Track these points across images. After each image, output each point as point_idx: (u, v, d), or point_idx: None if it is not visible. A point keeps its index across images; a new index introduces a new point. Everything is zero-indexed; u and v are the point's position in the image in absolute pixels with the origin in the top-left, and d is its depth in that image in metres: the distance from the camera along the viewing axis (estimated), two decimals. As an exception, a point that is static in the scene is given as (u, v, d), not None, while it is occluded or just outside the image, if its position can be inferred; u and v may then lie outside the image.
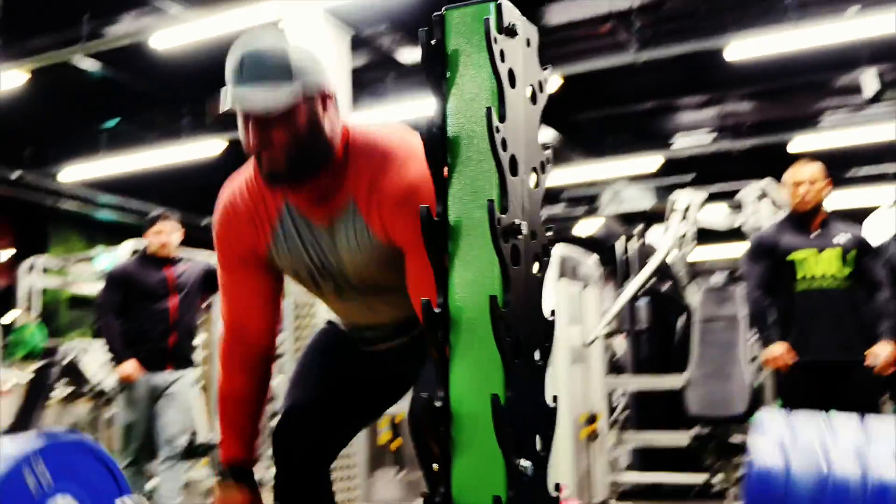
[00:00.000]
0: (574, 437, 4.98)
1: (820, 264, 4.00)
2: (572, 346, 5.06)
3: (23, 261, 9.47)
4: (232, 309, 1.96)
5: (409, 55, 7.04)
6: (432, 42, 1.35)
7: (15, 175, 9.23)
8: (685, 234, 5.59)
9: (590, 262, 5.49)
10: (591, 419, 5.19)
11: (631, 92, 8.92)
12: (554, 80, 7.37)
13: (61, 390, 7.25)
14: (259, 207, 1.86)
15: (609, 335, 6.14)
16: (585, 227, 13.90)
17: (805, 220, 4.10)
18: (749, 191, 5.40)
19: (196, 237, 13.00)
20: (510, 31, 1.36)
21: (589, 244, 6.82)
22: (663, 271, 5.68)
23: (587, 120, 9.91)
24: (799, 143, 9.50)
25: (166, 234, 4.78)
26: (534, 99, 1.44)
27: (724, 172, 11.50)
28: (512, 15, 1.35)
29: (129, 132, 9.09)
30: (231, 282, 1.95)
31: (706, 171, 11.30)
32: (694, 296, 5.57)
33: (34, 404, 7.02)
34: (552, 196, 12.40)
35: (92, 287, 11.17)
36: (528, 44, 1.43)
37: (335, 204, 1.79)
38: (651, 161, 10.45)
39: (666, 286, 6.11)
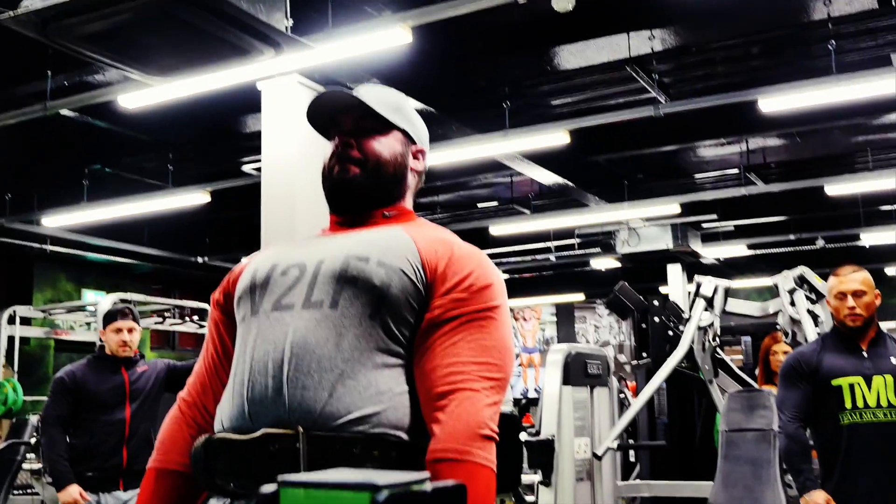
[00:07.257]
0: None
1: (871, 392, 3.39)
2: (579, 459, 4.45)
3: (4, 310, 9.02)
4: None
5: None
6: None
7: (-3, 221, 8.79)
8: (711, 323, 4.96)
9: (601, 358, 4.86)
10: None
11: (652, 137, 8.31)
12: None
13: (30, 465, 6.80)
14: None
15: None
16: (600, 264, 13.30)
17: (852, 338, 3.48)
18: (783, 278, 4.77)
19: (189, 276, 12.59)
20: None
21: (616, 306, 6.06)
22: (684, 369, 5.05)
23: (605, 162, 9.29)
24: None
25: (126, 332, 4.22)
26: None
27: (748, 212, 10.95)
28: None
29: (113, 177, 8.58)
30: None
31: (728, 211, 10.72)
32: (720, 400, 4.92)
33: (1, 484, 6.54)
34: (564, 234, 11.79)
35: (82, 334, 10.75)
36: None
37: (373, 222, 1.54)
38: (672, 203, 9.80)
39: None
